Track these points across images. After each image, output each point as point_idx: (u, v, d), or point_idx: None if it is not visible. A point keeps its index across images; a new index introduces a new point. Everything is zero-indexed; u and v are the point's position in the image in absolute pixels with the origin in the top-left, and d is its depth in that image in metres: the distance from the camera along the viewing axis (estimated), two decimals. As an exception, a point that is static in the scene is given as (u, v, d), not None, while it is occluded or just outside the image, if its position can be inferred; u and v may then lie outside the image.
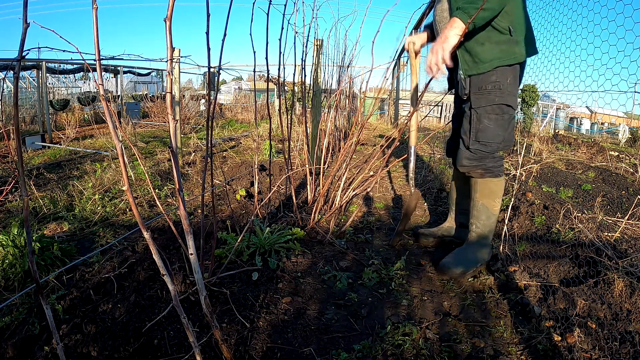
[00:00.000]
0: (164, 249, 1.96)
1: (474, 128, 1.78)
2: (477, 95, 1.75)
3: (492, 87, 1.71)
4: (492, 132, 1.76)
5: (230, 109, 11.52)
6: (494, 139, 1.76)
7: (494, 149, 1.78)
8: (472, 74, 1.73)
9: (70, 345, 1.24)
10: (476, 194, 1.88)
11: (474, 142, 1.79)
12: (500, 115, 1.74)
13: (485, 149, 1.78)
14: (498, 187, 1.85)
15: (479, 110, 1.76)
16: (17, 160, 0.83)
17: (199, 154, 4.53)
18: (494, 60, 1.67)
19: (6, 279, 1.67)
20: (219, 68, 1.48)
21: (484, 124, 1.76)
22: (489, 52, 1.67)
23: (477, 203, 1.88)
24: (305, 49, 2.61)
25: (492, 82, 1.71)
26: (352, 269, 1.89)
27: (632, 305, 1.46)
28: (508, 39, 1.66)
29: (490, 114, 1.74)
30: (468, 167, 1.84)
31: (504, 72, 1.70)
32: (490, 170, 1.82)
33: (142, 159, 3.79)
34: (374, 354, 1.29)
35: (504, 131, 1.77)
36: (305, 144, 2.72)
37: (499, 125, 1.75)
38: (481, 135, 1.77)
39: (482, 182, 1.85)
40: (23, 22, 0.74)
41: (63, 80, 9.42)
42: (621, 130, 9.59)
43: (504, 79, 1.70)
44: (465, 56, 1.73)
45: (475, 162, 1.81)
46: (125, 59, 1.74)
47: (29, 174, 3.33)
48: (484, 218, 1.87)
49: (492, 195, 1.85)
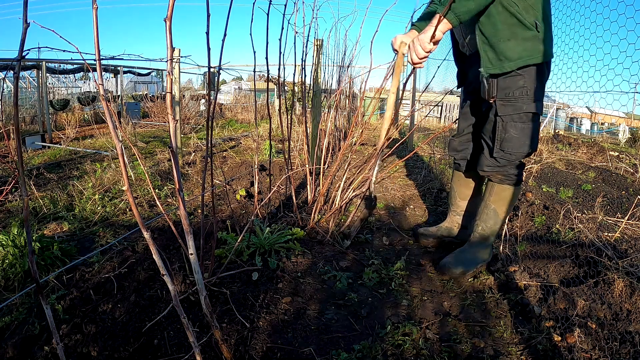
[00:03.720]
0: (164, 249, 1.96)
1: (499, 137, 1.71)
2: (504, 102, 1.66)
3: (519, 93, 1.62)
4: (518, 142, 1.68)
5: (230, 109, 11.51)
6: (520, 149, 1.69)
7: (519, 157, 1.73)
8: (495, 72, 1.62)
9: (70, 345, 1.24)
10: (490, 197, 1.83)
11: (499, 151, 1.72)
12: (527, 123, 1.66)
13: (510, 157, 1.72)
14: (514, 195, 1.80)
15: (505, 118, 1.67)
16: (17, 160, 0.83)
17: (199, 154, 4.53)
18: (520, 59, 1.57)
19: (6, 279, 1.67)
20: (219, 68, 1.48)
21: (510, 133, 1.67)
22: (515, 50, 1.56)
23: (489, 206, 1.84)
24: (305, 49, 2.61)
25: (520, 87, 1.61)
26: (352, 269, 1.89)
27: (632, 305, 1.46)
28: (534, 36, 1.56)
29: (517, 123, 1.66)
30: (489, 172, 1.79)
31: (531, 75, 1.60)
32: (510, 177, 1.77)
33: (142, 159, 3.79)
34: (374, 354, 1.29)
35: (531, 140, 1.69)
36: (305, 144, 2.72)
37: (526, 135, 1.67)
38: (507, 145, 1.70)
39: (498, 187, 1.80)
40: (23, 22, 0.74)
41: (63, 80, 9.41)
42: (621, 131, 9.59)
43: (531, 83, 1.61)
44: (489, 53, 1.61)
45: (498, 168, 1.76)
46: (125, 59, 1.74)
47: (29, 174, 3.33)
48: (492, 223, 1.84)
49: (505, 202, 1.81)
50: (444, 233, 2.17)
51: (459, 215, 2.15)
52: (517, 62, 1.58)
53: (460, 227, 2.15)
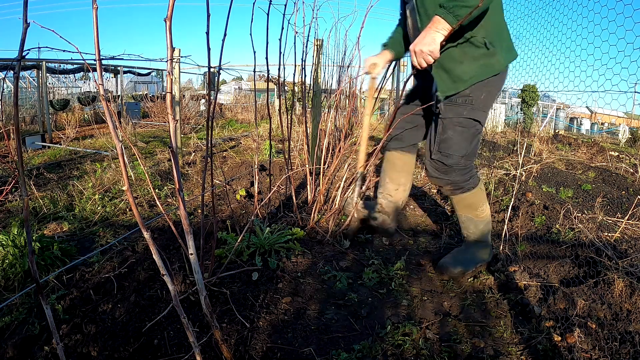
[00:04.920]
0: (164, 249, 1.96)
1: (438, 138, 1.76)
2: (447, 105, 1.71)
3: (462, 101, 1.68)
4: (454, 144, 1.72)
5: (230, 109, 11.51)
6: (456, 151, 1.73)
7: (455, 161, 1.74)
8: (450, 94, 1.68)
9: (70, 345, 1.24)
10: (456, 208, 1.88)
11: (436, 152, 1.77)
12: (466, 128, 1.71)
13: (446, 160, 1.74)
14: (475, 198, 1.82)
15: (445, 120, 1.73)
16: (17, 160, 0.83)
17: (199, 154, 4.53)
18: (472, 78, 1.64)
19: (6, 279, 1.67)
20: (219, 68, 1.48)
21: (448, 134, 1.72)
22: (468, 70, 1.63)
23: (460, 216, 1.88)
24: (306, 49, 2.60)
25: (465, 95, 1.67)
26: (352, 269, 1.89)
27: (632, 305, 1.46)
28: (485, 53, 1.61)
29: (456, 126, 1.71)
30: (436, 179, 1.82)
31: (479, 88, 1.66)
32: (459, 186, 1.79)
33: (142, 159, 3.79)
34: (374, 354, 1.29)
35: (468, 144, 1.73)
36: (305, 144, 2.72)
37: (463, 138, 1.72)
38: (444, 146, 1.74)
39: (457, 198, 1.83)
40: (23, 22, 0.74)
41: (63, 80, 9.42)
42: (621, 131, 9.59)
43: (477, 94, 1.67)
44: (443, 75, 1.67)
45: (442, 175, 1.78)
46: (125, 59, 1.74)
47: (29, 174, 3.33)
48: (472, 227, 1.87)
49: (472, 207, 1.83)
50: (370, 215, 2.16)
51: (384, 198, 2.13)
52: (469, 81, 1.64)
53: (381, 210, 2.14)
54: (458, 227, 2.18)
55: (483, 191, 1.86)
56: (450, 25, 1.50)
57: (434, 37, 1.54)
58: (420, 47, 1.57)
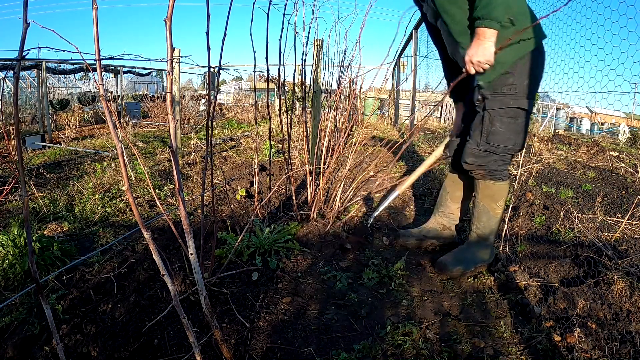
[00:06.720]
0: (164, 249, 1.96)
1: (485, 130, 1.76)
2: (492, 96, 1.72)
3: (507, 89, 1.68)
4: (503, 136, 1.73)
5: (230, 109, 11.51)
6: (505, 143, 1.74)
7: (504, 151, 1.76)
8: (492, 79, 1.69)
9: (70, 345, 1.24)
10: (477, 194, 1.87)
11: (484, 144, 1.77)
12: (513, 118, 1.71)
13: (495, 151, 1.76)
14: (500, 190, 1.83)
15: (492, 112, 1.73)
16: (17, 160, 0.83)
17: (199, 154, 4.53)
18: (511, 57, 1.64)
19: (6, 279, 1.67)
20: (219, 68, 1.48)
21: (496, 127, 1.73)
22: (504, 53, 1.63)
23: (478, 204, 1.87)
24: (305, 49, 2.60)
25: (509, 84, 1.68)
26: (352, 269, 1.89)
27: (632, 305, 1.46)
28: (515, 31, 1.61)
29: (503, 117, 1.71)
30: (472, 165, 1.82)
31: (521, 70, 1.66)
32: (492, 173, 1.80)
33: (142, 159, 3.79)
34: (374, 354, 1.29)
35: (517, 135, 1.74)
36: (305, 144, 2.72)
37: (512, 130, 1.72)
38: (492, 138, 1.75)
39: (482, 184, 1.84)
40: (23, 22, 0.74)
41: (63, 80, 9.41)
42: (621, 131, 9.60)
43: (521, 81, 1.67)
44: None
45: (480, 161, 1.79)
46: (125, 59, 1.73)
47: (29, 174, 3.33)
48: (485, 220, 1.86)
49: (493, 198, 1.83)
50: (425, 234, 2.15)
51: (446, 217, 2.13)
52: (509, 61, 1.65)
53: (443, 229, 2.14)
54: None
55: (507, 189, 1.86)
56: (496, 29, 1.54)
57: (485, 46, 1.58)
58: (477, 58, 1.61)
